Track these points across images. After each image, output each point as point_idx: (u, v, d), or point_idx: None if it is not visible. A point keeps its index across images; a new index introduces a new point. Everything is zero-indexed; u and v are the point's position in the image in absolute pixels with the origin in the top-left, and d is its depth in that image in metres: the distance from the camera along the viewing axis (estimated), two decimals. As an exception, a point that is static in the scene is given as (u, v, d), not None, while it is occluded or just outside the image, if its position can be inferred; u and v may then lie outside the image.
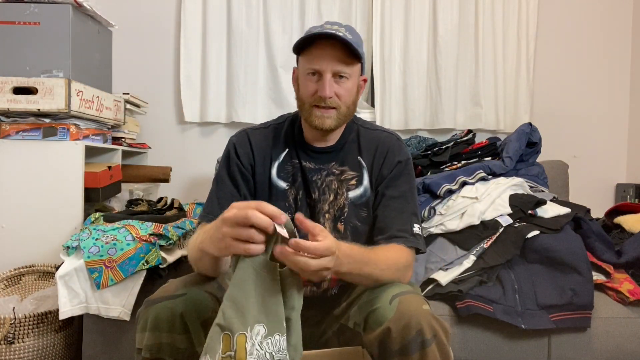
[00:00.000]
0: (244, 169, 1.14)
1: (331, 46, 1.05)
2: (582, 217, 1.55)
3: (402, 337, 0.87)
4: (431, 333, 0.87)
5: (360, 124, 1.21)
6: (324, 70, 1.05)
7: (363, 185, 1.14)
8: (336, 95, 1.07)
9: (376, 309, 0.91)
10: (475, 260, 1.41)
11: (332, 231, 1.10)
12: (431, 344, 0.86)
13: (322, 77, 1.06)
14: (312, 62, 1.06)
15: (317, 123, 1.08)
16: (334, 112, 1.08)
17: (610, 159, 2.53)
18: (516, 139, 1.86)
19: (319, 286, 1.14)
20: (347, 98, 1.09)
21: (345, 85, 1.08)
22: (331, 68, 1.05)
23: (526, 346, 1.30)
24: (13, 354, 1.39)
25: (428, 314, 0.90)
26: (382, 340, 0.90)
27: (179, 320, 0.89)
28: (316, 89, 1.07)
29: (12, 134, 1.61)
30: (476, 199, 1.58)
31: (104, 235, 1.39)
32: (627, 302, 1.35)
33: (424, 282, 1.40)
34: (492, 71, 2.38)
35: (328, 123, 1.08)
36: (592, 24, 2.51)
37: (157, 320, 0.89)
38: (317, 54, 1.06)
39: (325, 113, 1.08)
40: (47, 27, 1.60)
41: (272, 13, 2.34)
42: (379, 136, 1.19)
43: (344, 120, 1.12)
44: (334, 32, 1.03)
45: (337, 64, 1.05)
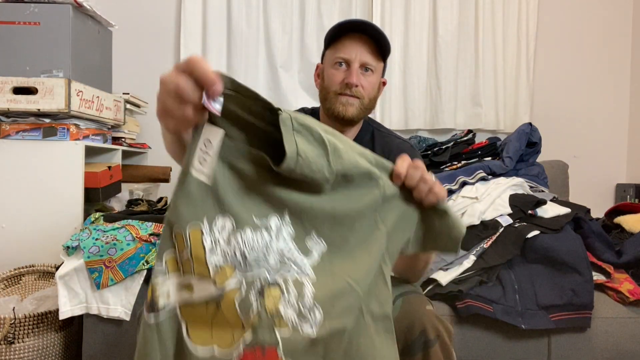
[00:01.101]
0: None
1: (361, 39, 1.11)
2: (582, 217, 1.55)
3: (406, 337, 0.87)
4: (434, 333, 0.87)
5: (375, 127, 1.25)
6: (353, 59, 1.11)
7: None
8: (362, 86, 1.12)
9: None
10: (475, 260, 1.41)
11: None
12: (434, 345, 0.87)
13: (350, 66, 1.11)
14: (342, 51, 1.12)
15: (341, 110, 1.12)
16: (357, 102, 1.13)
17: (610, 159, 2.53)
18: (516, 139, 1.86)
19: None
20: (370, 91, 1.14)
21: (370, 79, 1.14)
22: (360, 58, 1.11)
23: (526, 346, 1.30)
24: (13, 354, 1.39)
25: (432, 314, 0.90)
26: None
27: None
28: (343, 78, 1.12)
29: (12, 134, 1.61)
30: (476, 199, 1.58)
31: (104, 235, 1.39)
32: (627, 302, 1.35)
33: (424, 282, 1.40)
34: (492, 71, 2.38)
35: (351, 111, 1.12)
36: (592, 24, 2.51)
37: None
38: (348, 44, 1.11)
39: (350, 100, 1.12)
40: (47, 27, 1.60)
41: (272, 13, 2.34)
42: (393, 142, 1.21)
43: (364, 113, 1.16)
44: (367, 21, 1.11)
45: (366, 55, 1.11)
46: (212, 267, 0.59)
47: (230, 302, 0.59)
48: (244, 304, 0.60)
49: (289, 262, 0.63)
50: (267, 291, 0.61)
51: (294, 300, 0.61)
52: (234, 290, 0.60)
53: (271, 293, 0.61)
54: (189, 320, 0.60)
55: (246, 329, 0.60)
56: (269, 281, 0.61)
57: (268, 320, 0.60)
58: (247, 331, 0.60)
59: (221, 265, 0.60)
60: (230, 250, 0.60)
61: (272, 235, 0.62)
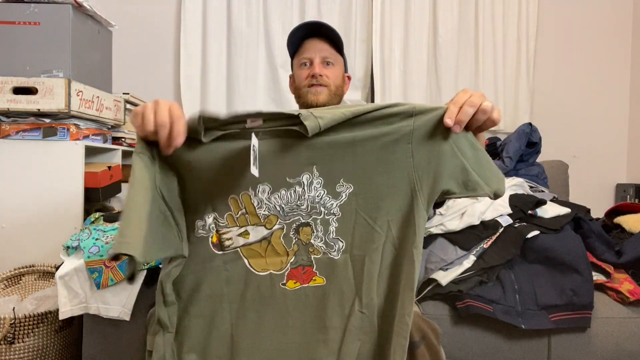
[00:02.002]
0: None
1: (318, 40, 1.31)
2: (582, 217, 1.55)
3: None
4: (419, 335, 0.87)
5: None
6: (314, 57, 1.31)
7: None
8: (326, 76, 1.31)
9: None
10: (475, 260, 1.41)
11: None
12: (419, 346, 0.87)
13: (313, 62, 1.32)
14: (304, 53, 1.32)
15: (313, 99, 1.30)
16: (325, 89, 1.31)
17: (610, 159, 2.54)
18: (516, 139, 1.86)
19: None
20: (335, 79, 1.33)
21: (332, 70, 1.33)
22: (320, 54, 1.31)
23: (526, 346, 1.30)
24: (13, 354, 1.39)
25: (416, 316, 0.90)
26: None
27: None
28: (309, 73, 1.31)
29: (12, 134, 1.61)
30: (476, 199, 1.58)
31: (104, 235, 1.39)
32: (627, 302, 1.35)
33: (424, 282, 1.40)
34: (492, 71, 2.39)
35: (321, 98, 1.30)
36: (592, 24, 2.51)
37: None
38: (308, 47, 1.32)
39: (318, 89, 1.31)
40: (47, 27, 1.60)
41: (272, 13, 2.34)
42: None
43: (334, 99, 1.33)
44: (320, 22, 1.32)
45: (325, 51, 1.31)
46: (262, 217, 0.86)
47: (277, 238, 0.86)
48: (286, 239, 0.86)
49: (319, 206, 0.84)
50: (302, 230, 0.86)
51: (321, 235, 0.85)
52: (279, 230, 0.86)
53: (304, 231, 0.86)
54: (249, 256, 0.86)
55: (290, 255, 0.86)
56: (303, 222, 0.86)
57: (304, 249, 0.86)
58: (291, 257, 0.86)
59: (267, 215, 0.86)
60: (271, 205, 0.85)
61: (304, 188, 0.84)
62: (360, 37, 2.43)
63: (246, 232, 0.86)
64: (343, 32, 2.39)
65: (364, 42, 2.44)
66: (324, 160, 0.83)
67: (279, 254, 0.86)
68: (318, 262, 0.85)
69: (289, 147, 0.83)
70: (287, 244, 0.86)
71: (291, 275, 0.86)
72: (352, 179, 0.83)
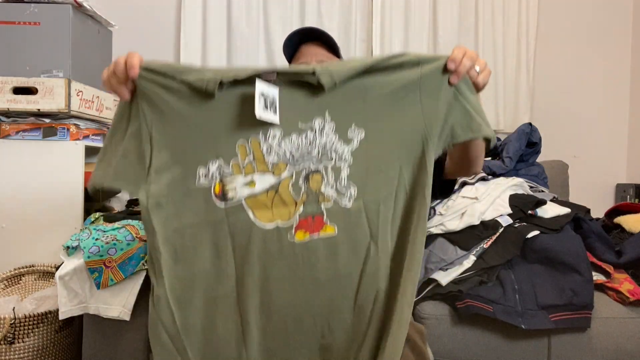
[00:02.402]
0: None
1: (314, 45, 1.28)
2: (582, 217, 1.55)
3: None
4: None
5: None
6: (309, 60, 1.25)
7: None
8: None
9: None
10: (475, 260, 1.41)
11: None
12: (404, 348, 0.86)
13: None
14: (301, 57, 1.28)
15: None
16: None
17: (610, 159, 2.54)
18: (516, 139, 1.86)
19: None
20: None
21: None
22: (315, 58, 1.26)
23: (526, 346, 1.30)
24: (13, 354, 1.39)
25: None
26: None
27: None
28: None
29: (12, 134, 1.61)
30: (476, 199, 1.58)
31: (104, 235, 1.39)
32: (627, 302, 1.35)
33: (424, 282, 1.40)
34: (492, 71, 2.37)
35: None
36: (592, 24, 2.51)
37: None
38: (304, 52, 1.28)
39: None
40: (47, 27, 1.60)
41: (272, 13, 2.34)
42: None
43: None
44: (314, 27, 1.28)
45: (320, 54, 1.27)
46: (270, 164, 0.82)
47: (285, 187, 0.83)
48: (295, 187, 0.83)
49: (331, 152, 0.83)
50: (311, 177, 0.83)
51: (332, 182, 0.83)
52: (288, 179, 0.83)
53: (314, 178, 0.83)
54: (254, 207, 0.82)
55: (298, 205, 0.83)
56: (313, 170, 0.83)
57: (314, 197, 0.83)
58: (300, 207, 0.83)
59: (276, 162, 0.82)
60: (281, 152, 0.82)
61: (316, 134, 0.83)
62: (360, 37, 2.43)
63: (252, 181, 0.83)
64: (343, 32, 2.40)
65: (364, 42, 2.44)
66: (335, 106, 0.83)
67: (286, 204, 0.83)
68: (329, 212, 0.83)
69: (302, 93, 0.82)
70: (295, 193, 0.83)
71: (300, 225, 0.82)
72: (363, 124, 0.83)
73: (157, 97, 0.81)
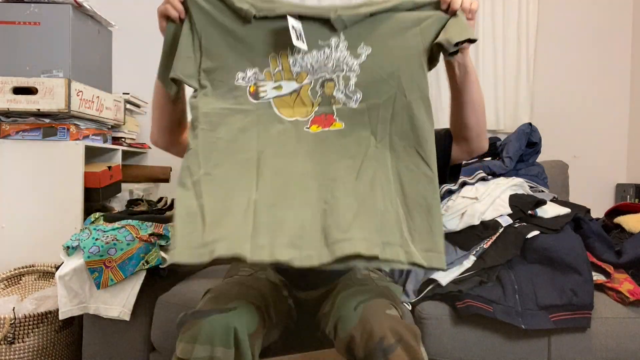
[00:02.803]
0: None
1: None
2: (582, 217, 1.55)
3: (366, 344, 0.87)
4: (395, 338, 0.86)
5: None
6: None
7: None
8: None
9: (341, 317, 0.93)
10: (475, 260, 1.41)
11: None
12: (395, 349, 0.86)
13: None
14: None
15: None
16: None
17: (610, 159, 2.53)
18: (516, 139, 1.86)
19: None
20: None
21: None
22: None
23: (526, 346, 1.30)
24: (13, 354, 1.39)
25: (391, 318, 0.90)
26: (348, 348, 0.91)
27: (233, 335, 0.88)
28: None
29: (12, 134, 1.61)
30: (476, 199, 1.58)
31: (104, 235, 1.39)
32: (627, 302, 1.35)
33: (423, 282, 1.40)
34: (492, 71, 2.39)
35: None
36: (592, 24, 2.51)
37: (212, 334, 0.87)
38: None
39: None
40: (47, 27, 1.60)
41: (272, 13, 2.34)
42: None
43: None
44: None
45: None
46: (294, 73, 1.03)
47: (305, 91, 1.02)
48: (313, 92, 1.02)
49: (342, 64, 1.01)
50: (326, 84, 1.02)
51: (342, 88, 1.01)
52: (307, 85, 1.02)
53: (328, 85, 1.02)
54: (279, 105, 1.02)
55: (314, 106, 1.02)
56: (327, 78, 1.02)
57: (327, 100, 1.02)
58: (315, 107, 1.02)
59: (299, 72, 1.02)
60: (304, 63, 1.02)
61: (332, 49, 1.01)
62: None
63: (280, 85, 1.02)
64: (343, 32, 2.40)
65: (364, 42, 2.45)
66: (349, 29, 1.01)
67: (305, 105, 1.02)
68: (338, 111, 1.01)
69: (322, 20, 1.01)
70: (313, 96, 1.02)
71: (314, 121, 1.01)
72: (371, 42, 1.01)
73: (205, 11, 1.00)
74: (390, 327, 0.88)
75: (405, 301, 1.37)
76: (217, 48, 1.02)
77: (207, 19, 1.01)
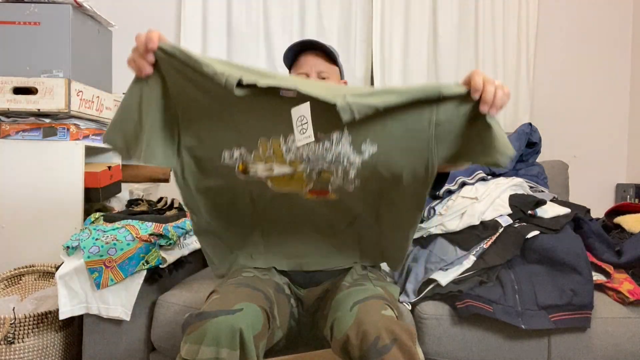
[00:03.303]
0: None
1: (313, 54, 1.33)
2: (582, 217, 1.55)
3: (361, 344, 0.87)
4: (390, 338, 0.87)
5: None
6: (310, 71, 1.32)
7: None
8: None
9: (337, 318, 0.93)
10: (475, 260, 1.41)
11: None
12: (390, 349, 0.86)
13: (309, 77, 1.32)
14: (301, 68, 1.33)
15: None
16: None
17: (610, 159, 2.53)
18: (516, 139, 1.86)
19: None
20: None
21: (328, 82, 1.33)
22: (315, 69, 1.32)
23: (526, 346, 1.30)
24: (13, 354, 1.39)
25: (387, 319, 0.90)
26: (344, 349, 0.91)
27: (239, 336, 0.88)
28: None
29: (12, 134, 1.61)
30: (476, 199, 1.58)
31: (104, 235, 1.39)
32: (627, 302, 1.35)
33: (423, 282, 1.40)
34: (492, 71, 2.38)
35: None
36: (592, 24, 2.51)
37: (218, 335, 0.87)
38: (302, 62, 1.34)
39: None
40: (47, 27, 1.60)
41: (272, 13, 2.34)
42: None
43: None
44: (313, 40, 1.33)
45: (319, 64, 1.33)
46: (288, 160, 0.94)
47: (300, 175, 0.96)
48: (308, 177, 0.96)
49: (343, 158, 0.92)
50: (323, 173, 0.96)
51: (340, 178, 0.96)
52: (302, 171, 0.96)
53: (325, 174, 0.96)
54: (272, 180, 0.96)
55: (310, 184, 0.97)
56: (325, 168, 0.95)
57: (324, 184, 0.97)
58: (311, 184, 0.97)
59: (293, 159, 0.94)
60: (299, 153, 0.93)
61: (332, 143, 0.91)
62: (360, 37, 2.43)
63: (271, 168, 0.96)
64: (343, 32, 2.40)
65: (364, 42, 2.44)
66: (355, 123, 0.86)
67: (299, 184, 0.99)
68: (333, 188, 0.99)
69: (324, 108, 0.84)
70: (308, 179, 0.97)
71: (309, 193, 1.00)
72: (377, 141, 0.89)
73: (176, 79, 0.87)
74: (385, 327, 0.88)
75: (405, 301, 1.37)
76: (195, 123, 0.90)
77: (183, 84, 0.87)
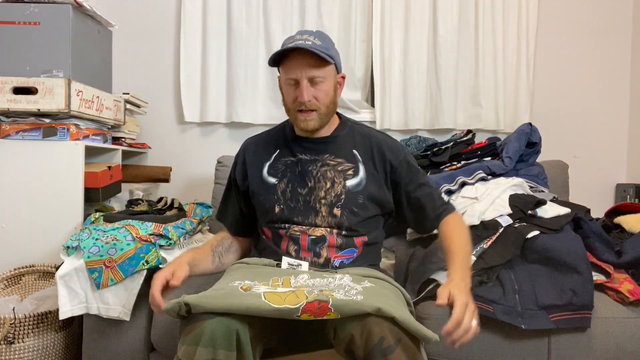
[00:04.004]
0: (237, 178, 1.35)
1: (302, 55, 1.17)
2: (582, 217, 1.55)
3: (365, 345, 0.88)
4: (394, 338, 0.87)
5: (353, 122, 1.37)
6: (299, 78, 1.18)
7: (359, 176, 1.26)
8: (315, 98, 1.20)
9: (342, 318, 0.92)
10: (475, 260, 1.41)
11: (329, 215, 1.23)
12: (395, 350, 0.86)
13: (300, 84, 1.19)
14: (289, 72, 1.19)
15: (302, 126, 1.23)
16: (315, 114, 1.22)
17: (610, 159, 2.53)
18: (516, 139, 1.86)
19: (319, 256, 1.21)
20: (324, 99, 1.22)
21: (322, 88, 1.21)
22: (305, 75, 1.18)
23: (526, 346, 1.30)
24: (13, 354, 1.39)
25: (391, 321, 0.90)
26: (348, 349, 0.91)
27: (235, 337, 0.89)
28: (296, 96, 1.20)
29: (12, 134, 1.61)
30: (476, 199, 1.58)
31: (104, 235, 1.39)
32: (627, 302, 1.35)
33: (423, 282, 1.40)
34: (492, 71, 2.38)
35: (312, 125, 1.23)
36: (592, 24, 2.50)
37: (215, 337, 0.88)
38: (292, 65, 1.18)
39: (307, 116, 1.22)
40: (47, 27, 1.60)
41: (272, 13, 2.34)
42: (378, 135, 1.34)
43: (326, 119, 1.26)
44: (303, 42, 1.16)
45: (310, 70, 1.17)
46: (293, 286, 1.03)
47: (301, 292, 0.97)
48: (309, 292, 0.98)
49: (346, 286, 1.03)
50: (325, 291, 0.99)
51: (342, 293, 0.99)
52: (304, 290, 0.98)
53: (327, 291, 0.98)
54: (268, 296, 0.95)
55: (309, 297, 0.94)
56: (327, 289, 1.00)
57: (324, 295, 0.95)
58: (309, 298, 0.93)
59: (298, 286, 1.03)
60: (305, 283, 1.05)
61: (335, 279, 1.08)
62: (360, 37, 2.43)
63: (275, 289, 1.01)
64: (343, 32, 2.39)
65: (364, 42, 2.43)
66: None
67: (297, 297, 0.94)
68: (335, 302, 0.92)
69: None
70: (308, 294, 0.96)
71: (306, 309, 0.91)
72: (374, 282, 1.11)
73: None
74: (389, 327, 0.88)
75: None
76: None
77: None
